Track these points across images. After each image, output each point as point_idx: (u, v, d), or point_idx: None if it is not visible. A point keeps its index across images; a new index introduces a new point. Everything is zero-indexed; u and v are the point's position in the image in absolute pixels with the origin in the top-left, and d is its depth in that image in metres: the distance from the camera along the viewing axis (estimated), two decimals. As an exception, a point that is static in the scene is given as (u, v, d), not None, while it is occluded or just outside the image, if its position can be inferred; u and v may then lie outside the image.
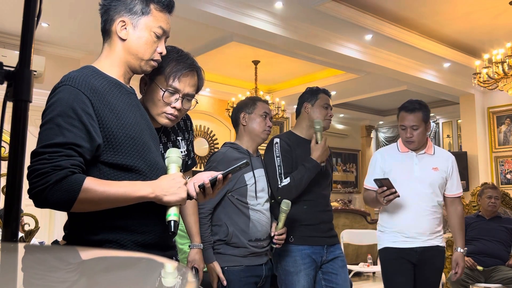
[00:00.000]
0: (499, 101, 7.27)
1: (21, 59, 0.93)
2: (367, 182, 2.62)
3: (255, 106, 2.25)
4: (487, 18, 5.16)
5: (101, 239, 1.20)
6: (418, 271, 2.46)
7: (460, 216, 2.60)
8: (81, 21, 4.84)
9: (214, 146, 7.91)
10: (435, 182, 2.49)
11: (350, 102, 8.87)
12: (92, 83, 1.22)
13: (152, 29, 1.32)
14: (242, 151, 2.20)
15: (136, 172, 1.24)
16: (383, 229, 2.58)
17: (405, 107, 2.55)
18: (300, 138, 2.41)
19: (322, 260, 2.32)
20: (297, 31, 5.05)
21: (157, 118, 1.52)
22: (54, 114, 1.15)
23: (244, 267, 2.07)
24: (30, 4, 0.94)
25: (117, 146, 1.22)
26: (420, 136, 2.49)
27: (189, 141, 1.82)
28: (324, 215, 2.38)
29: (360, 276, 6.09)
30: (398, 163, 2.53)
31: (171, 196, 1.22)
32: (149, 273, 0.59)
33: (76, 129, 1.14)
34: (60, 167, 1.10)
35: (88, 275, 0.57)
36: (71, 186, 1.10)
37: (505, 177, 7.26)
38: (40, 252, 0.78)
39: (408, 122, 2.49)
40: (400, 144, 2.60)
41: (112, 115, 1.22)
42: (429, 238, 2.46)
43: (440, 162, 2.54)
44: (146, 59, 1.33)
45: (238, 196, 2.10)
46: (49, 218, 5.54)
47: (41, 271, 0.58)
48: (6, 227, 0.91)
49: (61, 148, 1.12)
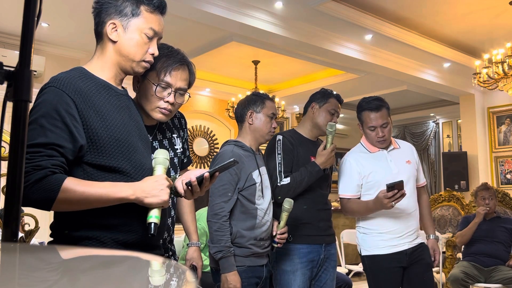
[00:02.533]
0: (499, 101, 7.27)
1: (21, 59, 0.93)
2: (346, 192, 2.42)
3: (263, 105, 2.19)
4: (487, 18, 5.15)
5: (80, 236, 1.22)
6: (409, 272, 2.35)
7: (428, 205, 2.57)
8: (81, 21, 4.84)
9: (214, 146, 7.91)
10: (412, 176, 2.41)
11: (350, 102, 8.84)
12: (77, 85, 1.23)
13: (143, 30, 1.32)
14: (246, 149, 2.16)
15: (121, 173, 1.25)
16: (368, 231, 2.40)
17: (368, 107, 2.40)
18: (302, 138, 2.40)
19: (320, 258, 2.31)
20: (297, 31, 5.05)
21: (151, 113, 1.54)
22: (38, 115, 1.17)
23: (246, 268, 2.06)
24: (30, 4, 0.94)
25: (101, 147, 1.23)
26: (390, 133, 2.40)
27: (184, 139, 1.84)
28: (323, 214, 2.37)
29: (360, 276, 6.09)
30: (374, 164, 2.39)
31: (152, 198, 1.21)
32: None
33: (59, 130, 1.16)
34: (40, 167, 1.12)
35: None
36: (51, 185, 1.11)
37: (505, 177, 7.26)
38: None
39: (376, 121, 2.37)
40: (367, 145, 2.46)
41: (97, 117, 1.23)
42: (416, 236, 2.38)
43: (409, 154, 2.47)
44: (137, 60, 1.34)
45: (247, 196, 2.08)
46: (49, 218, 5.52)
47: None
48: (6, 227, 0.91)
49: (43, 148, 1.14)
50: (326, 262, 2.34)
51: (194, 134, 7.76)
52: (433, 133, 9.75)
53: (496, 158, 7.35)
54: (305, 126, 2.44)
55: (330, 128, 2.27)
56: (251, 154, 2.16)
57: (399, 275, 2.34)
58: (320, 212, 2.35)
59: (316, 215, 2.33)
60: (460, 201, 5.33)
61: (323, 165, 2.24)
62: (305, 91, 7.46)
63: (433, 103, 9.10)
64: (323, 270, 2.34)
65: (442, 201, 5.51)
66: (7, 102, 0.93)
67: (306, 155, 2.32)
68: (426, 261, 2.37)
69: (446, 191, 5.58)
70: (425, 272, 2.37)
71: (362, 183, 2.40)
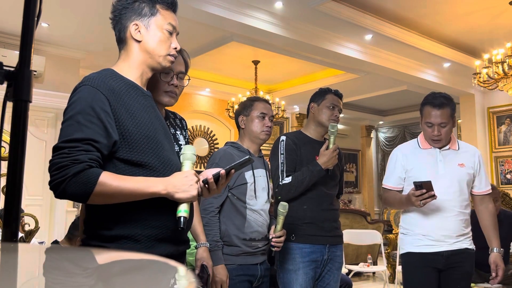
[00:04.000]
0: (499, 101, 7.27)
1: (21, 59, 0.93)
2: (387, 182, 2.41)
3: (251, 108, 2.25)
4: (487, 18, 5.16)
5: (116, 235, 1.26)
6: (445, 277, 2.25)
7: (492, 214, 2.38)
8: (81, 21, 4.84)
9: (214, 146, 7.91)
10: (462, 180, 2.28)
11: (350, 102, 8.87)
12: (110, 84, 1.29)
13: (163, 27, 1.40)
14: (242, 150, 2.21)
15: (149, 169, 1.30)
16: (406, 232, 2.35)
17: (431, 102, 2.30)
18: (307, 138, 2.42)
19: (323, 259, 2.31)
20: (297, 31, 5.05)
21: (160, 99, 1.67)
22: (74, 112, 1.23)
23: (237, 266, 2.07)
24: (30, 4, 0.94)
25: (132, 143, 1.28)
26: (447, 134, 2.29)
27: (186, 138, 1.92)
28: (328, 214, 2.36)
29: (360, 276, 6.09)
30: (420, 161, 2.32)
31: (182, 193, 1.27)
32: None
33: (95, 126, 1.21)
34: (78, 161, 1.16)
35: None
36: (88, 179, 1.16)
37: (505, 177, 7.26)
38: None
39: (435, 119, 2.25)
40: (421, 140, 2.39)
41: (128, 115, 1.29)
42: (457, 240, 2.25)
43: (466, 157, 2.34)
44: (163, 55, 1.40)
45: (238, 195, 2.11)
46: (49, 218, 5.54)
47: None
48: (6, 227, 0.91)
49: (80, 143, 1.18)
50: (330, 263, 2.33)
51: (194, 134, 7.76)
52: (433, 133, 9.74)
53: (496, 158, 7.35)
54: (309, 127, 2.46)
55: (332, 129, 2.29)
56: (246, 154, 2.18)
57: (434, 277, 2.25)
58: (325, 212, 2.34)
59: (320, 215, 2.32)
60: (460, 201, 5.32)
61: (325, 164, 2.25)
62: (305, 91, 7.46)
63: (433, 103, 9.10)
64: (327, 271, 2.33)
65: (442, 201, 5.50)
66: (7, 102, 0.93)
67: (310, 155, 2.32)
68: (465, 269, 2.26)
69: (446, 191, 5.57)
70: (462, 280, 2.26)
71: (405, 176, 2.35)
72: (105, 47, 5.51)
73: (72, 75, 5.74)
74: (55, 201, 5.56)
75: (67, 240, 2.98)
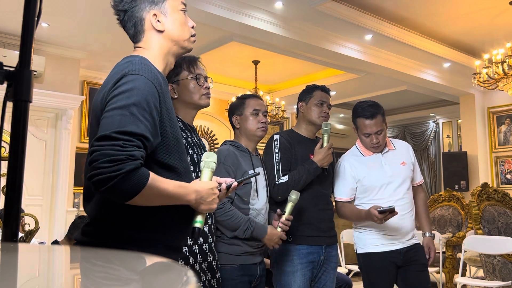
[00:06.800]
0: (499, 101, 7.27)
1: (21, 59, 0.93)
2: (340, 195, 2.45)
3: (244, 106, 2.22)
4: (487, 18, 5.16)
5: (140, 237, 1.19)
6: (404, 272, 2.36)
7: (424, 203, 2.56)
8: (81, 21, 4.84)
9: (214, 146, 7.91)
10: (407, 177, 2.42)
11: (350, 102, 8.86)
12: (159, 78, 1.21)
13: (178, 7, 1.34)
14: (242, 149, 2.19)
15: (175, 173, 1.24)
16: (363, 231, 2.44)
17: (363, 114, 2.39)
18: (300, 136, 2.41)
19: (320, 260, 2.31)
20: (297, 31, 5.05)
21: (199, 102, 1.82)
22: (129, 101, 1.12)
23: (238, 266, 2.06)
24: (30, 4, 0.94)
25: (168, 146, 1.22)
26: (384, 138, 2.41)
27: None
28: (325, 214, 2.36)
29: (360, 276, 6.08)
30: (368, 168, 2.41)
31: (206, 205, 1.24)
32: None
33: (147, 122, 1.13)
34: (133, 157, 1.06)
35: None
36: (140, 178, 1.07)
37: (505, 177, 7.26)
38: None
39: (371, 129, 2.37)
40: (362, 149, 2.48)
41: (167, 114, 1.22)
42: (410, 238, 2.38)
43: (404, 155, 2.47)
44: (187, 38, 1.35)
45: (241, 194, 2.09)
46: (49, 218, 5.54)
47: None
48: (6, 227, 0.91)
49: (134, 138, 1.09)
50: (326, 263, 2.33)
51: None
52: (433, 133, 9.75)
53: (496, 158, 7.35)
54: (301, 126, 2.46)
55: (325, 127, 2.30)
56: (247, 154, 2.18)
57: (393, 274, 2.36)
58: (321, 213, 2.34)
59: (317, 216, 2.32)
60: (460, 201, 5.33)
61: (321, 162, 2.24)
62: (305, 91, 7.45)
63: (433, 103, 9.11)
64: (323, 272, 2.33)
65: (442, 201, 5.51)
66: (7, 102, 0.93)
67: (305, 153, 2.32)
68: (420, 262, 2.39)
69: (446, 191, 5.58)
70: (420, 271, 2.38)
71: (356, 186, 2.43)
72: (105, 47, 5.51)
73: (72, 75, 5.74)
74: (55, 201, 5.56)
75: (67, 240, 2.98)
